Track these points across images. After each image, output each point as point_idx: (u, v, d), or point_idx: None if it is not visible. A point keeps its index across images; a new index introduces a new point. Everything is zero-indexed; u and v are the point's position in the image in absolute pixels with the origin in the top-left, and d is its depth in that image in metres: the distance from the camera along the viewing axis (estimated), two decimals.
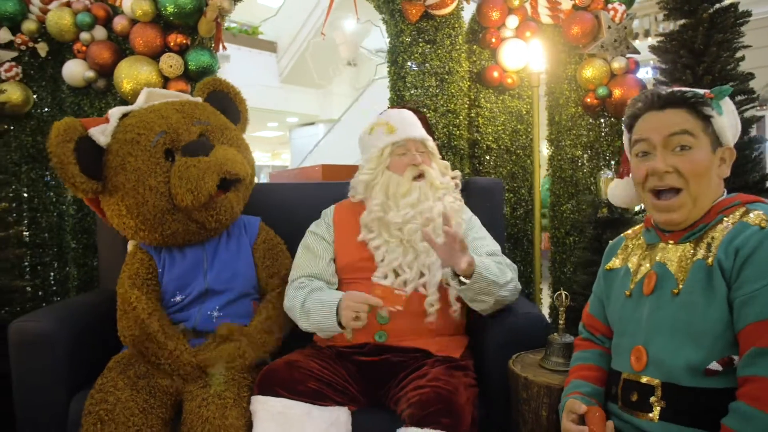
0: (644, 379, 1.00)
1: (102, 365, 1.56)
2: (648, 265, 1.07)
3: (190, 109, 1.70)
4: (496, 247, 1.63)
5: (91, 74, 2.20)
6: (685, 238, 1.01)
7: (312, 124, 11.75)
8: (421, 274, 1.53)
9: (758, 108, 2.25)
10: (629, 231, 1.21)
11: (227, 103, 1.85)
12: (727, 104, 1.04)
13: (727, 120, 1.03)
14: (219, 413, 1.38)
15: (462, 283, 1.41)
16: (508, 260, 1.60)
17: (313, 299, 1.50)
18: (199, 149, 1.60)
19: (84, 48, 2.21)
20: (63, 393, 1.56)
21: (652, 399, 0.97)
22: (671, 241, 1.04)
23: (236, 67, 8.61)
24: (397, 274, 1.52)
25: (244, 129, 1.91)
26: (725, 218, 0.97)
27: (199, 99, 1.80)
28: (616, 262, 1.17)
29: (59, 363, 1.56)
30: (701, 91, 1.03)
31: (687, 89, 1.02)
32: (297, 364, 1.43)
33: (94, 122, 1.64)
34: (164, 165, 1.58)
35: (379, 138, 1.60)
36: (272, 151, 15.70)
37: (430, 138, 1.65)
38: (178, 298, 1.65)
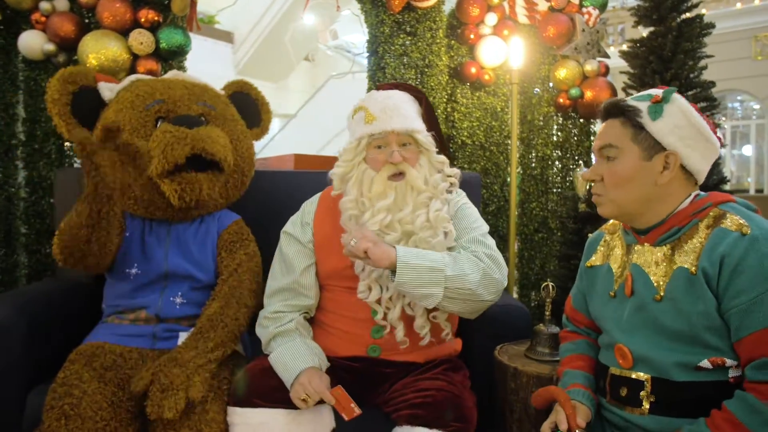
0: (633, 375, 1.03)
1: (62, 359, 1.44)
2: (627, 266, 1.09)
3: (200, 90, 1.70)
4: (478, 234, 1.39)
5: (50, 47, 2.05)
6: (661, 241, 1.03)
7: None
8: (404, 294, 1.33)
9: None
10: (608, 225, 1.22)
11: (249, 107, 1.85)
12: (675, 107, 1.01)
13: (670, 123, 1.00)
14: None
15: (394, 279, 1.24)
16: (486, 251, 1.34)
17: (280, 352, 1.34)
18: (186, 122, 1.56)
19: (43, 19, 2.06)
20: (19, 387, 1.44)
21: (642, 393, 1.01)
22: (647, 243, 1.05)
23: (190, 55, 8.28)
24: (381, 289, 1.35)
25: (260, 136, 1.89)
26: (700, 222, 0.99)
27: (223, 93, 1.81)
28: (596, 259, 1.18)
29: (15, 355, 1.44)
30: (655, 92, 1.03)
31: (629, 98, 1.06)
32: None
33: (108, 80, 1.71)
34: (150, 129, 1.57)
35: (358, 125, 1.41)
36: None
37: (421, 130, 1.40)
38: (134, 271, 1.58)
